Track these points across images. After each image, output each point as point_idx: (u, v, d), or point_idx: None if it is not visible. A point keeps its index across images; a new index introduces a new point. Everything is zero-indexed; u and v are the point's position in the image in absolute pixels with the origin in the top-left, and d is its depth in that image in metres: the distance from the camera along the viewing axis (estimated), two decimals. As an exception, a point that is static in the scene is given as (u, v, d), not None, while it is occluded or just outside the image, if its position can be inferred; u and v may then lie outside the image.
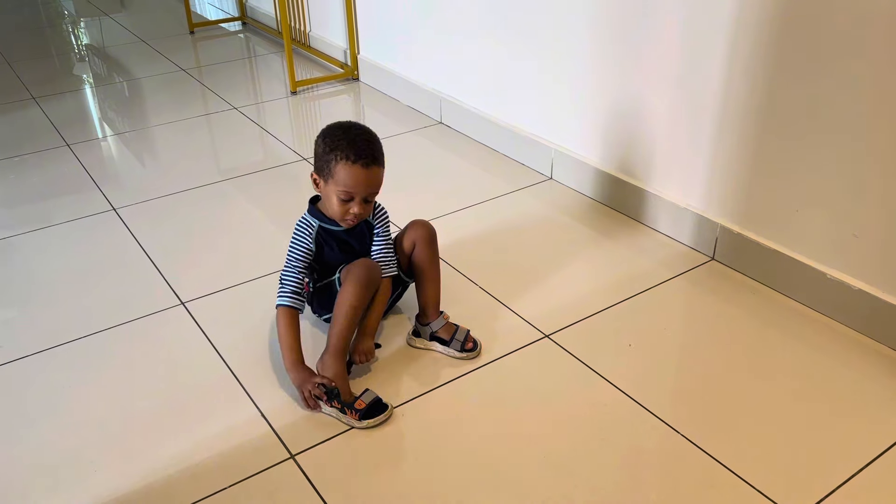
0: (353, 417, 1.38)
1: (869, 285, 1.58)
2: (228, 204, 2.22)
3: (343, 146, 1.42)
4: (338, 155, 1.42)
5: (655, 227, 2.01)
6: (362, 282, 1.44)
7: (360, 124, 1.49)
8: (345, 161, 1.42)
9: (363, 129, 1.48)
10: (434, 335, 1.56)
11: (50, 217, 2.15)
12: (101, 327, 1.68)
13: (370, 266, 1.48)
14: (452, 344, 1.54)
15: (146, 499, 1.26)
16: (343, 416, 1.39)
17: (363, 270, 1.46)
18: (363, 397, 1.40)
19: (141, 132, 2.76)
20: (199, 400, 1.47)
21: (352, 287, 1.44)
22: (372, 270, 1.48)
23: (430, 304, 1.58)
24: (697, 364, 1.54)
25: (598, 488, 1.26)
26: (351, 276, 1.45)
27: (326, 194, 1.48)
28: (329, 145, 1.44)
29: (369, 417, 1.38)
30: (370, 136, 1.47)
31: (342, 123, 1.48)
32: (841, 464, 1.29)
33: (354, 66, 3.18)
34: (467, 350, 1.54)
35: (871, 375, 1.49)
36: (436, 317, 1.57)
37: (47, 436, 1.40)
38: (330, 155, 1.44)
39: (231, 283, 1.82)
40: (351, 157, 1.42)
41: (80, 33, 4.18)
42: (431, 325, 1.56)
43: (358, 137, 1.44)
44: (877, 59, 1.42)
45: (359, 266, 1.47)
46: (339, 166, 1.43)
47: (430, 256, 1.58)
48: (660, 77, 1.86)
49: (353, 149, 1.42)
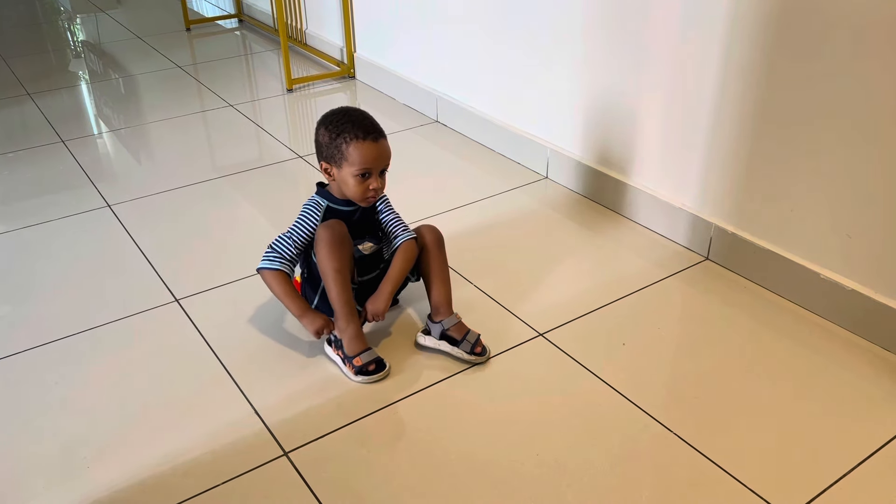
0: (350, 370, 1.48)
1: (862, 286, 1.58)
2: (224, 201, 2.22)
3: (349, 128, 1.46)
4: (347, 137, 1.46)
5: (650, 226, 2.01)
6: (332, 241, 1.46)
7: (353, 107, 1.52)
8: (355, 140, 1.46)
9: (359, 110, 1.52)
10: (445, 333, 1.54)
11: (44, 213, 2.15)
12: (94, 324, 1.68)
13: (333, 224, 1.48)
14: (462, 345, 1.52)
15: (139, 495, 1.26)
16: (343, 366, 1.49)
17: (327, 232, 1.47)
18: (363, 355, 1.46)
19: (136, 129, 2.76)
20: (193, 397, 1.47)
21: (324, 250, 1.46)
22: (336, 227, 1.48)
23: (443, 302, 1.57)
24: (691, 363, 1.54)
25: (590, 486, 1.26)
26: (320, 241, 1.47)
27: (342, 178, 1.49)
28: (334, 131, 1.47)
29: (364, 374, 1.47)
30: (367, 115, 1.52)
31: (336, 110, 1.52)
32: (833, 463, 1.30)
33: (351, 64, 3.18)
34: (476, 353, 1.52)
35: (863, 375, 1.50)
36: (448, 315, 1.56)
37: (40, 432, 1.40)
38: (338, 139, 1.47)
39: (225, 281, 1.82)
40: (360, 134, 1.46)
41: (75, 29, 4.17)
42: (443, 322, 1.54)
43: (358, 116, 1.49)
44: (873, 61, 1.42)
45: (322, 229, 1.48)
46: (350, 147, 1.46)
47: (440, 259, 1.59)
48: (655, 77, 1.87)
49: (360, 127, 1.47)
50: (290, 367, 1.54)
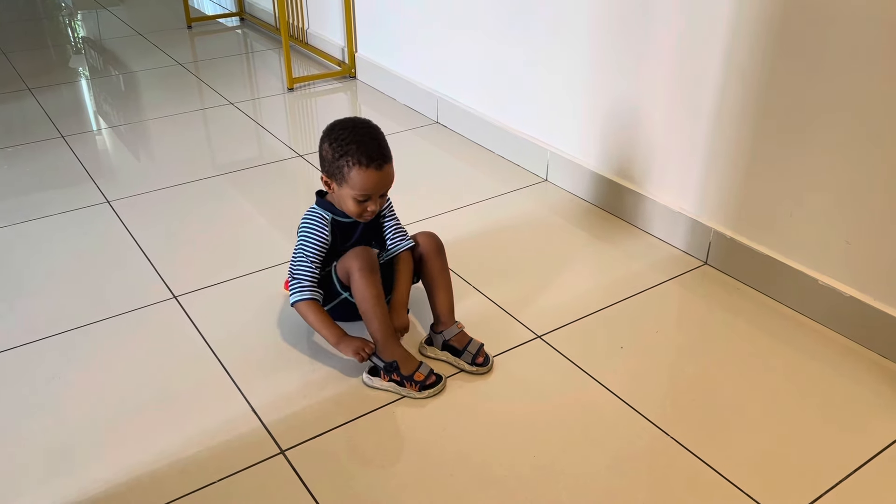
0: (413, 389, 1.45)
1: (860, 292, 1.59)
2: (223, 199, 2.21)
3: (353, 151, 1.41)
4: (349, 161, 1.42)
5: (649, 230, 2.02)
6: (366, 269, 1.45)
7: (361, 121, 1.47)
8: (358, 167, 1.41)
9: (367, 127, 1.46)
10: (447, 343, 1.53)
11: (43, 208, 2.14)
12: (92, 319, 1.67)
13: (362, 252, 1.47)
14: (464, 355, 1.52)
15: (135, 492, 1.26)
16: (402, 388, 1.45)
17: (360, 259, 1.45)
18: (420, 370, 1.45)
19: (136, 125, 2.75)
20: (190, 394, 1.47)
21: (360, 279, 1.44)
22: (365, 253, 1.47)
23: (444, 311, 1.56)
24: (688, 367, 1.54)
25: (586, 489, 1.26)
26: (353, 269, 1.45)
27: (341, 196, 1.48)
28: (338, 151, 1.43)
29: (428, 388, 1.45)
30: (375, 134, 1.45)
31: (345, 122, 1.47)
32: (829, 469, 1.30)
33: (352, 64, 3.18)
34: (478, 364, 1.51)
35: (861, 382, 1.50)
36: (450, 325, 1.55)
37: (36, 427, 1.39)
38: (341, 161, 1.43)
39: (224, 278, 1.82)
40: (363, 161, 1.41)
41: (76, 25, 4.17)
42: (444, 333, 1.54)
43: (365, 137, 1.43)
44: (873, 67, 1.43)
45: (354, 257, 1.46)
46: (352, 172, 1.42)
47: (440, 266, 1.58)
48: (656, 81, 1.87)
49: (364, 153, 1.41)
50: (288, 365, 1.54)
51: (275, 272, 1.82)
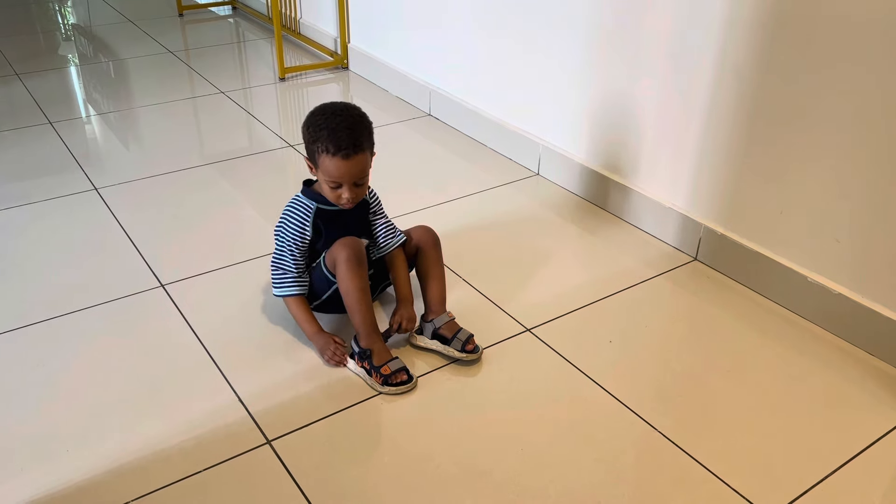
0: (377, 381, 1.43)
1: (849, 290, 1.59)
2: (212, 188, 2.20)
3: (324, 137, 1.41)
4: (319, 147, 1.43)
5: (640, 225, 2.02)
6: (353, 259, 1.45)
7: (344, 106, 1.47)
8: (325, 153, 1.42)
9: (345, 115, 1.44)
10: (436, 332, 1.53)
11: (29, 195, 2.12)
12: (78, 307, 1.66)
13: (350, 242, 1.47)
14: (453, 343, 1.51)
15: (118, 480, 1.24)
16: (369, 377, 1.45)
17: (347, 249, 1.45)
18: (390, 364, 1.44)
19: (125, 113, 2.73)
20: (176, 383, 1.46)
21: (346, 270, 1.44)
22: (353, 243, 1.47)
23: (435, 300, 1.57)
24: (677, 362, 1.55)
25: (573, 483, 1.26)
26: (340, 260, 1.45)
27: (320, 180, 1.49)
28: (312, 135, 1.44)
29: (390, 385, 1.42)
30: (352, 122, 1.43)
31: (325, 107, 1.47)
32: (816, 464, 1.30)
33: (344, 54, 3.16)
34: (467, 350, 1.51)
35: (848, 378, 1.51)
36: (440, 313, 1.55)
37: (19, 415, 1.38)
38: (313, 146, 1.44)
39: (212, 267, 1.80)
40: (331, 148, 1.41)
41: (66, 12, 4.12)
42: (434, 321, 1.54)
43: (340, 125, 1.42)
44: (865, 65, 1.43)
45: (341, 247, 1.46)
46: (322, 157, 1.43)
47: (436, 258, 1.60)
48: (649, 76, 1.87)
49: (334, 140, 1.41)
50: (275, 354, 1.53)
51: (263, 262, 1.81)
